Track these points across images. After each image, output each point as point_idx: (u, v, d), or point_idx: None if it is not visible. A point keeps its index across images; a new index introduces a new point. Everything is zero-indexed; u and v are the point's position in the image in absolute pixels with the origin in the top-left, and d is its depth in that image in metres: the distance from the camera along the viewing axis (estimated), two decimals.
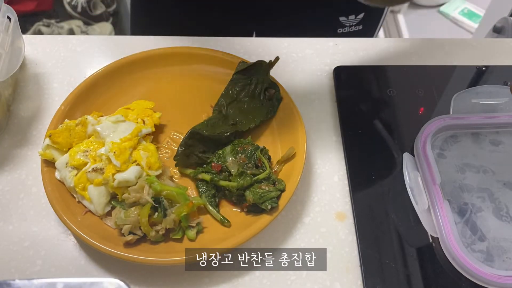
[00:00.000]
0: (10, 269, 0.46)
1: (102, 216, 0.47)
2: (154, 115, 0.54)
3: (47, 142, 0.50)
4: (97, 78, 0.57)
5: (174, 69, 0.60)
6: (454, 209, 0.48)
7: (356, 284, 0.46)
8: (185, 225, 0.46)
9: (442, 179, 0.48)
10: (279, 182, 0.48)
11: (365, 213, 0.50)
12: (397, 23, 2.02)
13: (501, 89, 0.58)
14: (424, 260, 0.47)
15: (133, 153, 0.49)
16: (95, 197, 0.47)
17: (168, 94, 0.58)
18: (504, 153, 0.54)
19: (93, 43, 0.67)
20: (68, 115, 0.53)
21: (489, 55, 0.68)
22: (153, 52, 0.59)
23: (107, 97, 0.57)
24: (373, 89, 0.60)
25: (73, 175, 0.48)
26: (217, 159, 0.50)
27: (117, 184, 0.47)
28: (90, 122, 0.51)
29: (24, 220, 0.49)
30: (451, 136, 0.55)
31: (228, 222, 0.47)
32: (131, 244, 0.45)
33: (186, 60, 0.60)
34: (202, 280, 0.46)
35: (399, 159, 0.53)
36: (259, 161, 0.49)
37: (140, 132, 0.51)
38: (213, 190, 0.49)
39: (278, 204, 0.46)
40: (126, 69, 0.58)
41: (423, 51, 0.68)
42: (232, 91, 0.55)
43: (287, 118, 0.54)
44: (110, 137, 0.49)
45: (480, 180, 0.51)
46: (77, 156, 0.49)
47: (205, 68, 0.60)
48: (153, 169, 0.49)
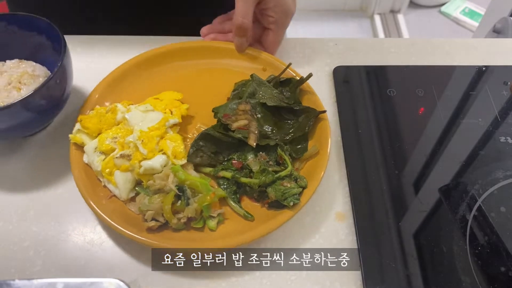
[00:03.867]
0: (10, 269, 0.46)
1: (126, 201, 0.49)
2: (182, 107, 0.55)
3: (78, 127, 0.52)
4: (129, 67, 0.58)
5: (204, 63, 0.61)
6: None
7: (356, 284, 0.46)
8: (207, 215, 0.46)
9: None
10: (301, 179, 0.48)
11: (365, 213, 0.50)
12: (397, 23, 2.02)
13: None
14: (424, 260, 0.47)
15: (160, 142, 0.51)
16: (120, 182, 0.48)
17: (196, 86, 0.59)
18: None
19: (93, 43, 0.67)
20: (99, 102, 0.55)
21: (489, 55, 0.68)
22: (184, 45, 0.61)
23: (137, 86, 0.58)
24: (373, 89, 0.60)
25: (100, 160, 0.49)
26: (237, 157, 0.50)
27: (143, 171, 0.48)
28: (120, 110, 0.53)
29: (24, 220, 0.49)
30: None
31: (251, 217, 0.47)
32: (153, 230, 0.46)
33: (216, 54, 0.61)
34: (202, 280, 0.46)
35: (399, 159, 0.53)
36: (280, 158, 0.50)
37: (168, 122, 0.52)
38: (234, 187, 0.49)
39: (300, 201, 0.47)
40: (157, 60, 0.60)
41: (423, 51, 0.68)
42: (257, 95, 0.54)
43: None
44: (138, 126, 0.51)
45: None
46: (106, 142, 0.50)
47: (233, 62, 0.60)
48: (179, 158, 0.50)
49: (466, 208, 0.50)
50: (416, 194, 0.52)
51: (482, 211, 0.50)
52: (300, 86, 0.56)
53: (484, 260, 0.47)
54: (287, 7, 0.58)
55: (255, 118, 0.52)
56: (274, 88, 0.55)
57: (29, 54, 0.54)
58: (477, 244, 0.48)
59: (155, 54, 0.60)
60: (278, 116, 0.54)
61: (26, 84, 0.50)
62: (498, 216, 0.50)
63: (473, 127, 0.59)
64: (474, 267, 0.46)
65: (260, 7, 0.58)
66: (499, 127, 0.58)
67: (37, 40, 0.53)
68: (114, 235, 0.48)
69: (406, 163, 0.55)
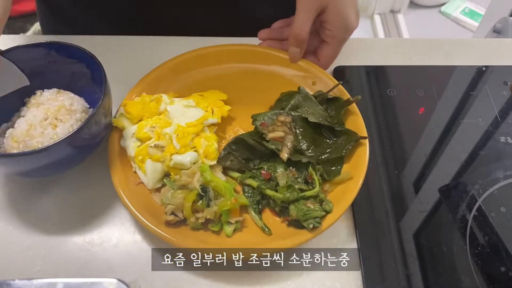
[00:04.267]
0: (10, 269, 0.46)
1: (152, 191, 0.49)
2: (224, 108, 0.55)
3: (121, 111, 0.52)
4: (181, 61, 0.58)
5: (254, 67, 0.60)
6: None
7: (356, 284, 0.46)
8: (225, 220, 0.46)
9: None
10: (327, 203, 0.46)
11: (365, 213, 0.50)
12: (397, 23, 2.02)
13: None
14: (424, 260, 0.47)
15: (195, 139, 0.51)
16: (150, 171, 0.49)
17: (243, 89, 0.59)
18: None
19: (93, 43, 0.67)
20: (146, 90, 0.56)
21: (489, 55, 0.68)
22: (237, 47, 0.60)
23: (185, 80, 0.59)
24: (373, 89, 0.60)
25: (136, 146, 0.50)
26: (268, 167, 0.49)
27: (172, 165, 0.49)
28: (164, 101, 0.54)
29: (24, 220, 0.49)
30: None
31: (268, 231, 0.46)
32: (171, 225, 0.46)
33: (267, 60, 0.60)
34: (201, 280, 0.46)
35: (399, 159, 0.53)
36: (310, 177, 0.48)
37: (206, 121, 0.53)
38: (258, 197, 0.48)
39: (321, 225, 0.45)
40: (208, 58, 0.60)
41: (423, 51, 0.68)
42: (301, 109, 0.53)
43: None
44: (177, 119, 0.52)
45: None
46: (144, 130, 0.51)
47: (284, 71, 0.59)
48: (209, 158, 0.50)
49: (466, 208, 0.50)
50: (416, 194, 0.52)
51: (482, 211, 0.50)
52: (346, 107, 0.54)
53: (484, 260, 0.47)
54: (348, 22, 0.55)
55: (293, 132, 0.50)
56: (319, 105, 0.53)
57: (67, 82, 0.53)
58: (477, 244, 0.48)
59: (208, 52, 0.60)
60: (317, 134, 0.52)
61: (62, 121, 0.48)
62: (498, 216, 0.50)
63: (473, 127, 0.59)
64: (474, 267, 0.46)
65: (320, 19, 0.55)
66: (499, 127, 0.59)
67: (75, 68, 0.52)
68: (114, 235, 0.48)
69: (406, 163, 0.55)
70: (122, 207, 0.50)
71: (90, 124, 0.45)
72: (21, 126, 0.47)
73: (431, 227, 0.49)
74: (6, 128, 0.49)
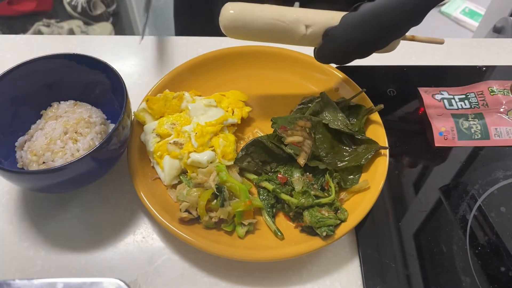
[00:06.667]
0: (10, 269, 0.46)
1: (168, 187, 0.50)
2: (244, 109, 0.56)
3: (143, 106, 0.53)
4: (204, 60, 0.59)
5: (279, 69, 0.60)
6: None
7: (356, 284, 0.46)
8: (238, 221, 0.46)
9: None
10: (342, 212, 0.46)
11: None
12: None
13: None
14: (424, 260, 0.47)
15: (213, 139, 0.51)
16: (167, 167, 0.49)
17: (265, 91, 0.59)
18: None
19: (93, 43, 0.67)
20: (169, 86, 0.56)
21: (489, 55, 0.68)
22: (263, 48, 0.60)
23: (209, 79, 0.59)
24: (373, 89, 0.60)
25: (155, 141, 0.51)
26: (284, 171, 0.49)
27: (190, 163, 0.49)
28: (186, 99, 0.54)
29: (24, 220, 0.49)
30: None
31: (281, 235, 0.46)
32: (184, 222, 0.46)
33: (293, 63, 0.60)
34: (201, 280, 0.46)
35: (399, 159, 0.53)
36: (326, 184, 0.48)
37: (226, 121, 0.53)
38: (273, 200, 0.48)
39: (335, 233, 0.44)
40: (234, 58, 0.60)
41: (423, 51, 0.68)
42: (322, 115, 0.53)
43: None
44: (197, 118, 0.52)
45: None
46: (164, 126, 0.52)
47: (308, 76, 0.60)
48: (226, 158, 0.50)
49: (466, 208, 0.50)
50: (416, 194, 0.52)
51: (482, 211, 0.50)
52: (368, 115, 0.54)
53: (484, 260, 0.47)
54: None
55: (312, 137, 0.50)
56: (341, 111, 0.53)
57: (81, 93, 0.52)
58: (477, 244, 0.48)
59: (234, 52, 0.60)
60: (337, 140, 0.52)
61: (82, 135, 0.47)
62: (498, 216, 0.50)
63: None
64: (474, 267, 0.46)
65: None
66: None
67: (90, 79, 0.51)
68: (114, 235, 0.48)
69: (406, 163, 0.55)
70: (122, 207, 0.50)
71: (114, 138, 0.44)
72: (40, 139, 0.47)
73: (431, 227, 0.49)
74: (23, 141, 0.49)
